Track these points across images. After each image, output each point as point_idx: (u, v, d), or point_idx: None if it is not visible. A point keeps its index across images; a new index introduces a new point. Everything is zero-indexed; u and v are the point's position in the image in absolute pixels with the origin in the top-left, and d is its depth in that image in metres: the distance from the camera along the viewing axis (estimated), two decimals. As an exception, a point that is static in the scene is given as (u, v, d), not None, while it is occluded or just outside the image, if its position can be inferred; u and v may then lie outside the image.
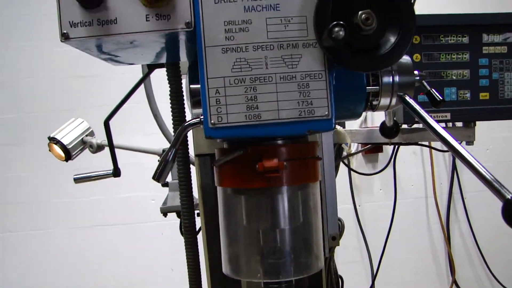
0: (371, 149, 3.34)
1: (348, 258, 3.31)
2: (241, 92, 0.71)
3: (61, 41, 0.72)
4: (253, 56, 0.71)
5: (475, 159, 0.70)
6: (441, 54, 1.43)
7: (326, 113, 0.71)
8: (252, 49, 0.71)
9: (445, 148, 0.78)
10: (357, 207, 3.38)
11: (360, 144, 3.02)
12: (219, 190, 0.84)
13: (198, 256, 1.19)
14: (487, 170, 0.68)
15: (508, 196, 0.63)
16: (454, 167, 3.55)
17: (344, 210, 3.36)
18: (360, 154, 3.41)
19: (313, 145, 0.82)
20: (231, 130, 0.71)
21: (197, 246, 1.19)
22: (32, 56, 3.44)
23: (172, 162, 0.77)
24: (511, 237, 3.47)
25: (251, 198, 0.79)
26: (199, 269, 1.20)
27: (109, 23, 0.71)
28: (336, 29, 0.62)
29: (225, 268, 0.85)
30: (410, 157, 3.46)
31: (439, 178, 3.58)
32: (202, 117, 0.73)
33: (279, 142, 0.78)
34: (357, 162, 3.43)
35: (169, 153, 0.78)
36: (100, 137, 1.91)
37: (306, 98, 0.71)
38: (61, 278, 3.55)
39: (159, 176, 0.77)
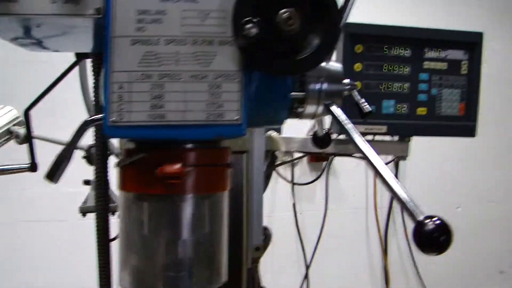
0: (316, 158, 3.31)
1: (286, 264, 3.30)
2: (147, 89, 0.63)
3: None
4: (164, 51, 0.64)
5: (395, 178, 0.65)
6: (383, 65, 1.41)
7: (236, 117, 0.65)
8: (163, 42, 0.64)
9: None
10: (298, 214, 3.35)
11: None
12: (120, 194, 0.76)
13: (110, 263, 1.10)
14: (405, 190, 0.63)
15: (421, 218, 0.59)
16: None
17: (285, 217, 3.34)
18: (305, 162, 3.37)
19: (223, 151, 0.75)
20: (132, 130, 0.64)
21: (109, 252, 1.10)
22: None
23: (68, 160, 0.69)
24: (446, 252, 3.53)
25: (152, 205, 0.71)
26: (110, 277, 1.10)
27: (6, 0, 0.62)
28: (248, 25, 0.56)
29: (122, 280, 0.77)
30: (353, 167, 3.46)
31: (380, 190, 3.59)
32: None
33: (187, 146, 0.71)
34: (301, 170, 3.40)
35: (68, 151, 0.70)
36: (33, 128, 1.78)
37: (216, 100, 0.64)
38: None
39: (52, 174, 0.69)
